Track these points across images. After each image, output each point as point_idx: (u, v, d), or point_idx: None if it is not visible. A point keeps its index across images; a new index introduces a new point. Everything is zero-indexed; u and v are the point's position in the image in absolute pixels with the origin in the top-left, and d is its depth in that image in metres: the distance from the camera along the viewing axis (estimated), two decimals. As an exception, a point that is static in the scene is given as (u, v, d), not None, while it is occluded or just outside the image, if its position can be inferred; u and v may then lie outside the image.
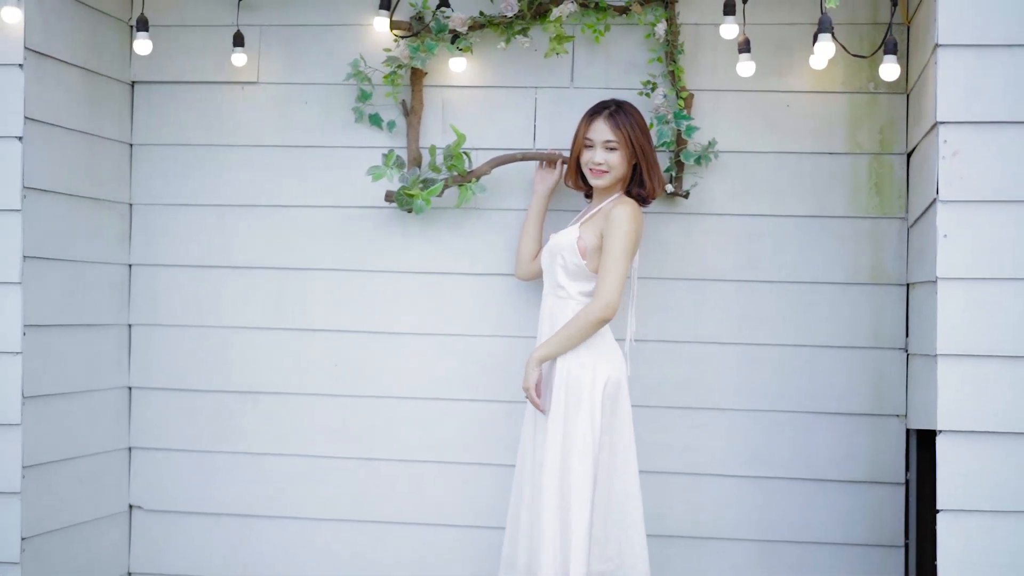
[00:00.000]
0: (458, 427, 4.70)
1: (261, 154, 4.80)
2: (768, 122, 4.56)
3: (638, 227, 4.10)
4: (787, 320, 4.56)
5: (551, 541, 3.99)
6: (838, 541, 4.53)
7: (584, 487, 3.99)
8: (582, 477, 3.99)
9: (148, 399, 4.87)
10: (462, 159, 4.54)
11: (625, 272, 4.07)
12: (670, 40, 4.50)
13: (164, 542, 4.88)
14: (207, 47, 4.80)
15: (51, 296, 4.36)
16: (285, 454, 4.79)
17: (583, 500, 3.98)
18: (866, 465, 4.52)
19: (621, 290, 4.06)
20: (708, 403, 4.59)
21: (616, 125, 4.15)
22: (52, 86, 4.34)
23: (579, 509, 3.98)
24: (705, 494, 4.59)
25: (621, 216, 4.06)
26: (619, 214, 4.07)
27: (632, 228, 4.07)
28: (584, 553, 3.97)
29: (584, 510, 3.98)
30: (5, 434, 4.16)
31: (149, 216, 4.86)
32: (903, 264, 4.50)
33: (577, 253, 4.11)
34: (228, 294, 4.82)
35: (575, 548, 3.97)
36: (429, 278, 4.71)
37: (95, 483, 4.66)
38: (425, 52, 4.52)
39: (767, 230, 4.57)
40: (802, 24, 4.50)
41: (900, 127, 4.51)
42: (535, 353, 4.11)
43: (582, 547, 3.97)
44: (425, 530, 4.72)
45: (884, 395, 4.51)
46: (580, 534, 3.97)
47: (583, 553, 3.97)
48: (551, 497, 4.00)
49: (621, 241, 4.05)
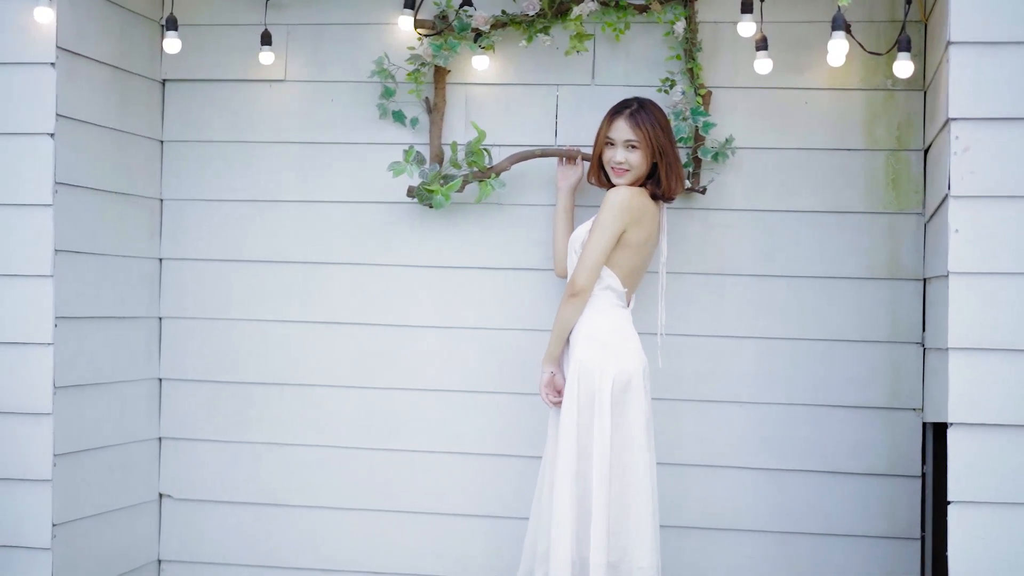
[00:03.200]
0: (480, 419, 4.77)
1: (287, 150, 4.89)
2: (786, 119, 4.61)
3: (624, 210, 4.11)
4: (804, 314, 4.60)
5: (565, 531, 4.04)
6: (854, 533, 4.56)
7: (599, 478, 4.04)
8: (597, 468, 4.05)
9: (178, 390, 4.97)
10: (482, 155, 4.61)
11: (600, 250, 4.10)
12: (689, 38, 4.55)
13: (193, 530, 4.97)
14: (235, 46, 4.89)
15: (82, 289, 4.46)
16: (310, 444, 4.87)
17: (599, 491, 4.04)
18: (882, 458, 4.55)
19: (592, 267, 4.10)
20: (725, 396, 4.63)
21: (636, 124, 4.20)
22: (83, 84, 4.44)
23: (596, 500, 4.03)
24: (721, 486, 4.64)
25: (607, 200, 4.13)
26: (607, 199, 4.14)
27: (616, 211, 4.10)
28: (603, 543, 4.02)
29: (600, 501, 4.04)
30: (37, 423, 4.26)
31: (179, 211, 4.96)
32: (920, 259, 4.52)
33: (582, 246, 4.20)
34: (255, 288, 4.91)
35: (594, 538, 4.02)
36: (450, 272, 4.79)
37: (125, 472, 4.77)
38: (448, 50, 4.60)
39: (784, 225, 4.61)
40: (819, 22, 4.52)
41: (917, 124, 4.54)
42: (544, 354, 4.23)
43: (601, 537, 4.02)
44: (448, 520, 4.79)
45: (901, 389, 4.54)
46: (598, 524, 4.02)
47: (602, 543, 4.02)
48: (564, 488, 4.05)
49: (600, 222, 4.11)
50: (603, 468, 4.04)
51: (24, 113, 4.26)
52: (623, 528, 4.09)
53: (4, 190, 4.27)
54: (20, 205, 4.27)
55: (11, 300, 4.27)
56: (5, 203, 4.27)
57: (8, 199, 4.27)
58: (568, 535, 4.03)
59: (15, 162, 4.27)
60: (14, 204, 4.27)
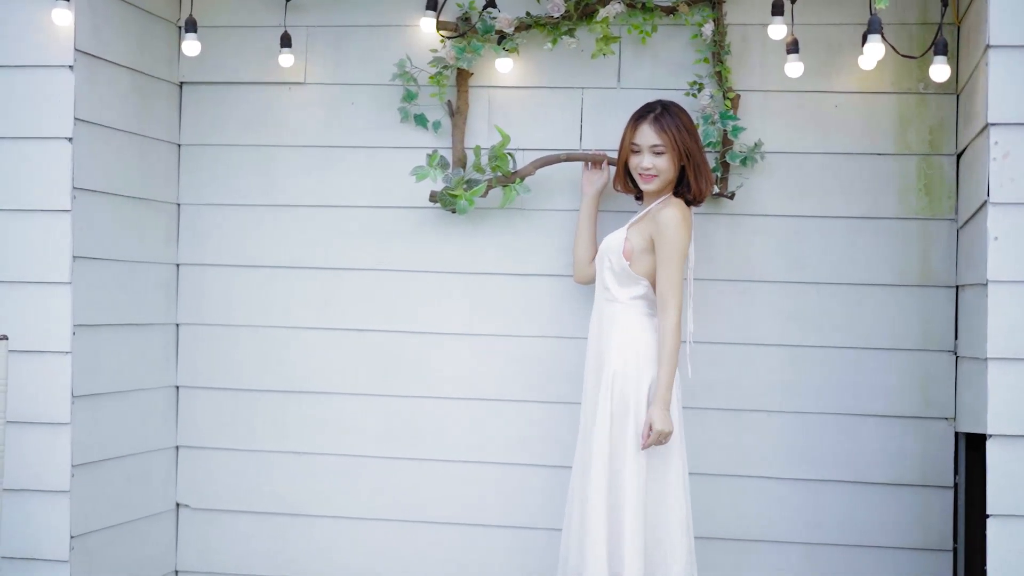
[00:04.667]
0: (503, 427, 4.70)
1: (307, 154, 4.81)
2: (816, 123, 4.53)
3: (687, 228, 4.08)
4: (834, 321, 4.52)
5: (600, 549, 3.97)
6: (885, 545, 4.49)
7: (633, 490, 3.97)
8: (631, 481, 3.98)
9: (195, 398, 4.90)
10: (506, 160, 4.54)
11: (681, 274, 4.06)
12: (717, 40, 4.48)
13: (210, 540, 4.90)
14: (254, 48, 4.82)
15: (100, 296, 4.39)
16: (331, 453, 4.80)
17: (634, 503, 3.97)
18: (914, 468, 4.48)
19: (680, 291, 4.05)
20: (754, 405, 4.56)
21: (662, 128, 4.13)
22: (101, 87, 4.36)
23: (630, 511, 3.96)
24: (751, 496, 4.57)
25: (668, 220, 4.05)
26: (666, 218, 4.06)
27: (681, 231, 4.05)
28: (638, 560, 3.95)
29: (636, 513, 3.96)
30: (55, 433, 4.20)
31: (197, 216, 4.89)
32: (952, 266, 4.45)
33: (622, 255, 4.10)
34: (274, 294, 4.84)
35: (628, 555, 3.95)
36: (474, 278, 4.71)
37: (143, 482, 4.69)
38: (471, 53, 4.52)
39: (814, 231, 4.53)
40: (850, 24, 4.46)
41: (950, 128, 4.46)
42: (660, 397, 4.00)
43: (635, 554, 3.95)
44: (472, 531, 4.72)
45: (932, 398, 4.47)
46: (633, 537, 3.95)
47: (637, 561, 3.95)
48: (598, 500, 3.99)
49: (672, 245, 4.04)
50: (636, 480, 3.97)
51: (42, 117, 4.19)
52: (656, 541, 4.02)
53: (21, 195, 4.20)
54: (38, 211, 4.19)
55: (29, 307, 4.20)
56: (23, 208, 4.20)
57: (26, 204, 4.20)
58: (603, 552, 3.96)
59: (33, 167, 4.19)
60: (32, 210, 4.19)
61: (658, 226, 4.06)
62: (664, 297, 4.04)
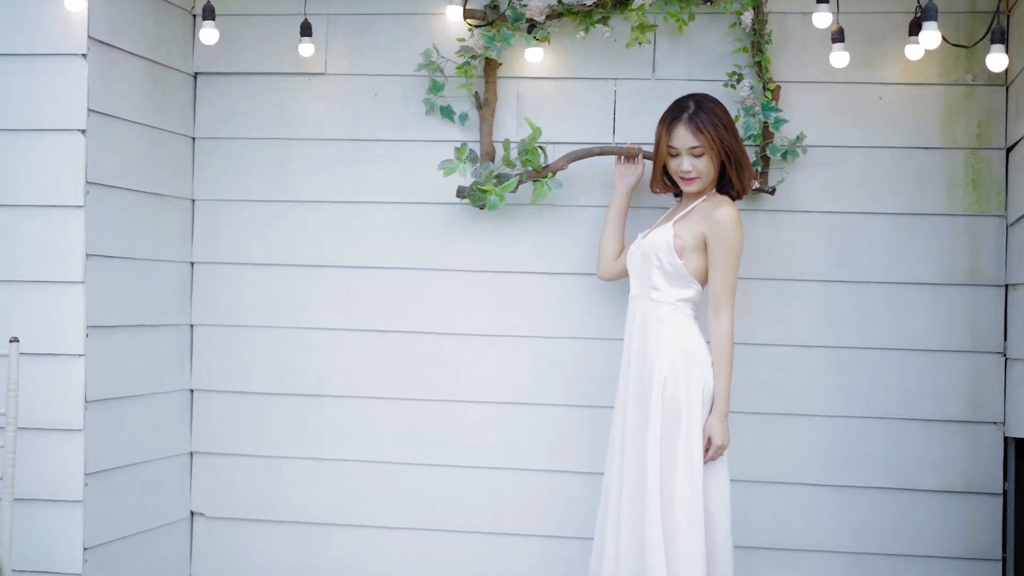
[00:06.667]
0: (534, 433, 4.53)
1: (328, 148, 4.64)
2: (859, 115, 4.37)
3: (741, 225, 3.91)
4: (878, 322, 4.36)
5: (658, 556, 3.78)
6: (932, 554, 4.34)
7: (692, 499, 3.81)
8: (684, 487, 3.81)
9: (210, 402, 4.72)
10: (537, 154, 4.37)
11: (736, 276, 3.91)
12: (757, 29, 4.31)
13: (226, 550, 4.72)
14: (273, 37, 4.64)
15: (114, 296, 4.21)
16: (352, 459, 4.63)
17: (690, 512, 3.80)
18: (961, 474, 4.33)
19: (734, 295, 3.91)
20: (794, 409, 4.40)
21: (698, 128, 3.95)
22: (116, 77, 4.18)
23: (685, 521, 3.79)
24: (791, 503, 4.41)
25: (727, 219, 3.88)
26: (724, 217, 3.88)
27: (739, 232, 3.89)
28: (699, 564, 3.78)
29: (693, 523, 3.79)
30: (68, 440, 4.03)
31: (212, 212, 4.71)
32: (1002, 264, 4.30)
33: (674, 253, 3.91)
34: (293, 293, 4.66)
35: (686, 559, 3.77)
36: (502, 277, 4.55)
37: (157, 490, 4.51)
38: (501, 42, 4.35)
39: (857, 228, 4.37)
40: (895, 13, 4.31)
41: (999, 121, 4.31)
42: (720, 409, 3.87)
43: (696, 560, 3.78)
44: (499, 539, 4.56)
45: (981, 401, 4.32)
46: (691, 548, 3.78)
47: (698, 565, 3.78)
48: (655, 508, 3.81)
49: (730, 246, 3.88)
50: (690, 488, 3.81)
51: (55, 108, 4.02)
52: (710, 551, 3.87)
53: (33, 190, 4.04)
54: (50, 206, 4.04)
55: (41, 308, 4.03)
56: (34, 204, 4.04)
57: (38, 200, 4.04)
58: (662, 561, 3.77)
59: (45, 160, 4.03)
60: (44, 205, 4.04)
61: (716, 226, 3.88)
62: (719, 300, 3.87)
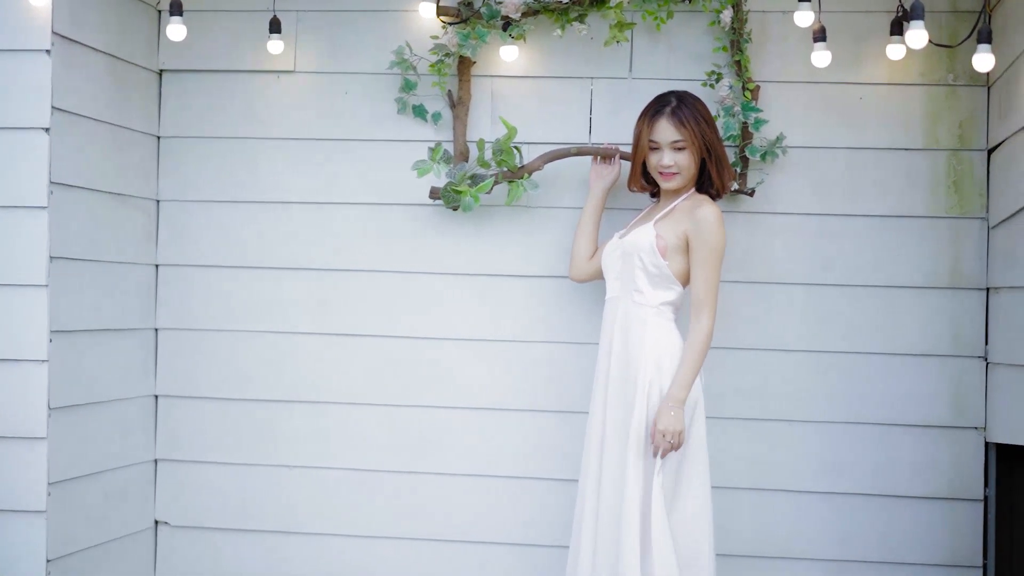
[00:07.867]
0: (509, 439, 4.45)
1: (297, 147, 4.54)
2: (839, 116, 4.32)
3: (723, 225, 3.83)
4: (859, 326, 4.31)
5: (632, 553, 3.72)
6: (914, 561, 4.29)
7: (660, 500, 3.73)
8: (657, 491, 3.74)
9: (176, 408, 4.61)
10: (512, 154, 4.28)
11: (719, 276, 3.83)
12: (736, 28, 4.24)
13: (192, 560, 4.61)
14: (240, 33, 4.53)
15: (78, 299, 4.09)
16: (323, 467, 4.53)
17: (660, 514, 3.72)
18: (943, 480, 4.29)
19: (717, 296, 3.83)
20: (775, 414, 4.35)
21: (681, 122, 3.88)
22: (80, 74, 4.06)
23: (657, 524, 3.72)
24: (773, 510, 4.36)
25: (710, 219, 3.80)
26: (707, 216, 3.80)
27: (722, 231, 3.81)
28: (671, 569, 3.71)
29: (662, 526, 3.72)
30: (31, 448, 3.91)
31: (177, 213, 4.59)
32: (983, 267, 4.25)
33: (657, 253, 3.83)
34: (262, 296, 4.55)
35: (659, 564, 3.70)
36: (477, 280, 4.46)
37: (120, 499, 4.39)
38: (475, 40, 4.26)
39: (838, 230, 4.32)
40: (876, 12, 4.26)
41: (981, 122, 4.27)
42: (675, 396, 3.75)
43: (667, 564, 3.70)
44: (475, 548, 4.48)
45: (963, 406, 4.28)
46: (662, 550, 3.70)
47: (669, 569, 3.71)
48: (633, 518, 3.73)
49: (713, 246, 3.80)
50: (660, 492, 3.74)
51: (17, 106, 3.91)
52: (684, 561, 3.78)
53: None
54: (12, 207, 3.92)
55: (3, 312, 3.92)
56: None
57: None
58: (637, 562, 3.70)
59: (7, 159, 3.91)
60: (6, 206, 3.92)
61: (699, 224, 3.80)
62: (701, 301, 3.79)
